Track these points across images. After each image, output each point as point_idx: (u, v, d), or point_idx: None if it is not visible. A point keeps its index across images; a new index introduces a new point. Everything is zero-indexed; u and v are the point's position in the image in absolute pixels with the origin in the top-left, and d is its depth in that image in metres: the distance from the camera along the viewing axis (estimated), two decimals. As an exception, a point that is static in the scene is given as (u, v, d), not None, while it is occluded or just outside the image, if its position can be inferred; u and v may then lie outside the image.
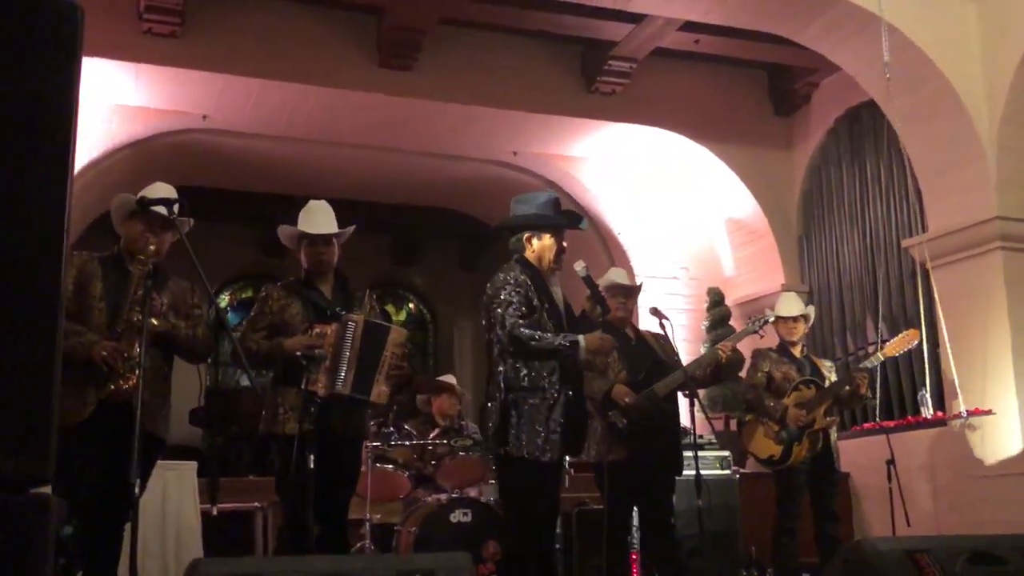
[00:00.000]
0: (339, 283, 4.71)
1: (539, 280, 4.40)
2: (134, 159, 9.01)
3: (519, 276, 4.33)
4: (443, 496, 6.15)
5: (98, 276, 4.19)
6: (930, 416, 7.80)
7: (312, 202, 4.75)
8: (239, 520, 6.49)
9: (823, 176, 9.84)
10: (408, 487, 6.44)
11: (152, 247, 4.18)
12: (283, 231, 4.71)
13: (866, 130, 9.25)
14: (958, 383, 7.45)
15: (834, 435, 6.13)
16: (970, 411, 7.39)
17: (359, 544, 5.99)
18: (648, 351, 5.37)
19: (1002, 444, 7.28)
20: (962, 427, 7.51)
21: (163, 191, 4.28)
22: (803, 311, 6.24)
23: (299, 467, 4.14)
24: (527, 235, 4.46)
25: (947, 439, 7.69)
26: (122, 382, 4.00)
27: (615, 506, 4.92)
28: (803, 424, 5.91)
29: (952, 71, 7.53)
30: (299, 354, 4.30)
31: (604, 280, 5.24)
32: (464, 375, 13.06)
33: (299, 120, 9.17)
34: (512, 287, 4.28)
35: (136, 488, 3.57)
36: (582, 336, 4.29)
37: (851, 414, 8.57)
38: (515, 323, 4.18)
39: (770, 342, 6.44)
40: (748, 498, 7.12)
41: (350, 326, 4.40)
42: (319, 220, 4.65)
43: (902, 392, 8.39)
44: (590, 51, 9.32)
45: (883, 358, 6.21)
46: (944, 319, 7.53)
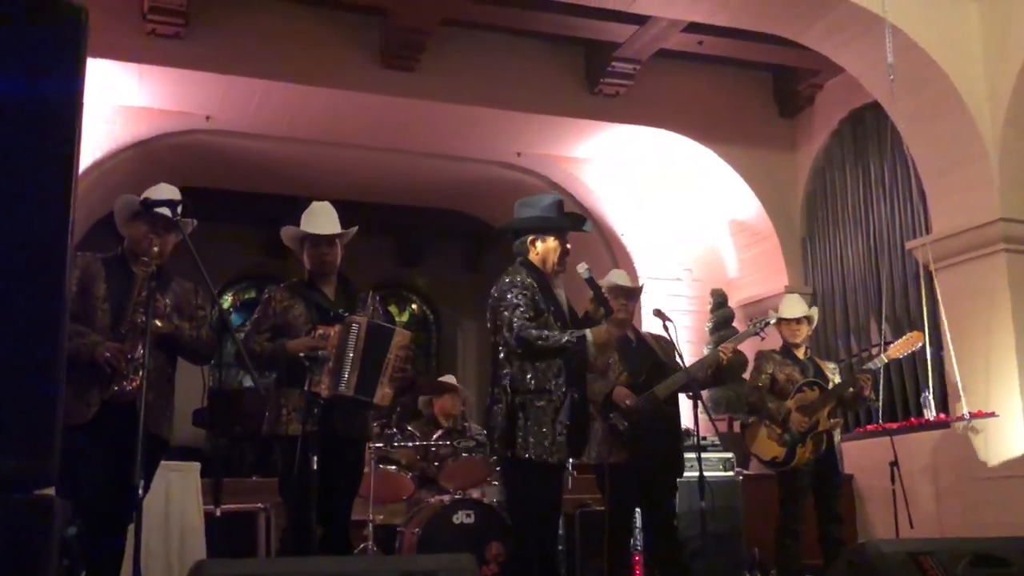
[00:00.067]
0: (342, 284, 4.72)
1: (544, 282, 4.40)
2: (138, 160, 9.02)
3: (525, 279, 4.33)
4: (446, 497, 6.14)
5: (101, 277, 4.19)
6: (933, 418, 7.80)
7: (315, 203, 4.76)
8: (242, 521, 6.49)
9: (827, 178, 9.83)
10: (411, 488, 6.44)
11: (156, 248, 4.18)
12: (286, 232, 4.72)
13: (870, 132, 9.25)
14: (961, 385, 7.44)
15: (838, 437, 6.13)
16: (973, 413, 7.38)
17: (362, 545, 5.98)
18: (649, 353, 5.37)
19: (1005, 446, 7.27)
20: (965, 429, 7.50)
21: (167, 192, 4.28)
22: (806, 313, 6.23)
23: (302, 468, 4.15)
24: (531, 238, 4.46)
25: (950, 441, 7.67)
26: (126, 383, 4.00)
27: (616, 508, 4.91)
28: (806, 428, 5.91)
29: (955, 72, 7.52)
30: (302, 355, 4.31)
31: (605, 282, 5.23)
32: (467, 376, 13.06)
33: (302, 121, 9.17)
34: (518, 290, 4.28)
35: (139, 489, 3.58)
36: (588, 330, 4.29)
37: (855, 416, 8.56)
38: (522, 325, 4.18)
39: (771, 344, 6.43)
40: (751, 500, 7.11)
41: (353, 328, 4.41)
42: (322, 221, 4.65)
43: (906, 394, 8.38)
44: (594, 52, 9.32)
45: (887, 360, 6.20)
46: (947, 321, 7.52)
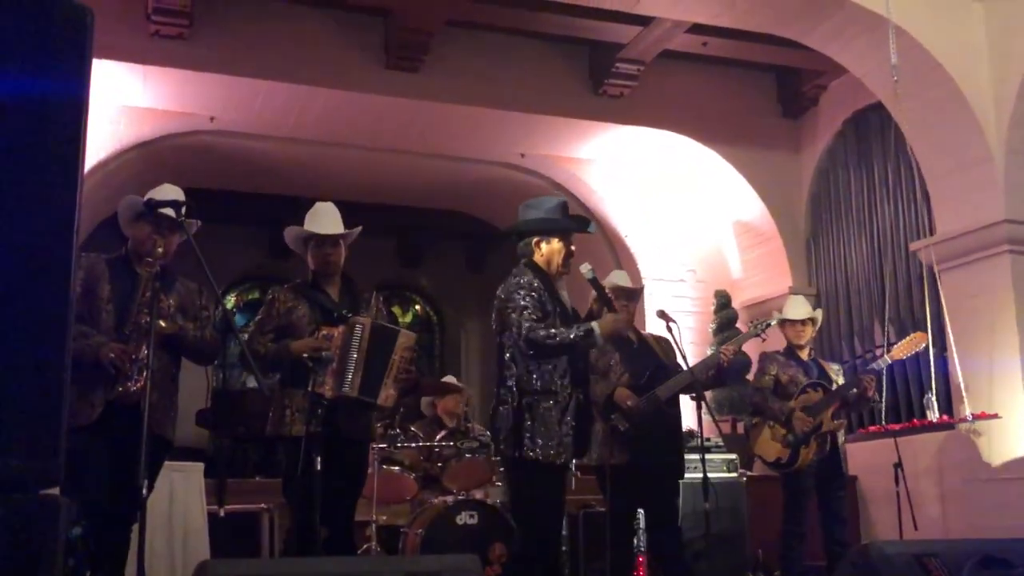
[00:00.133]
0: (346, 285, 4.72)
1: (548, 284, 4.39)
2: (141, 160, 9.03)
3: (532, 280, 4.32)
4: (449, 498, 6.14)
5: (106, 278, 4.19)
6: (935, 420, 7.78)
7: (319, 203, 4.76)
8: (245, 521, 6.49)
9: (831, 179, 9.82)
10: (414, 489, 6.44)
11: (160, 249, 4.19)
12: (290, 232, 4.72)
13: (874, 133, 9.23)
14: (964, 387, 7.43)
15: (842, 438, 6.12)
16: (975, 415, 7.37)
17: (365, 546, 5.98)
18: (650, 354, 5.36)
19: (1009, 448, 7.26)
20: (968, 431, 7.49)
21: (170, 193, 4.29)
22: (811, 314, 6.23)
23: (306, 469, 4.14)
24: (536, 239, 4.45)
25: (955, 443, 7.66)
26: (130, 384, 4.01)
27: (617, 509, 4.91)
28: (809, 429, 5.90)
29: (960, 74, 7.51)
30: (306, 356, 4.32)
31: (606, 282, 5.22)
32: (471, 377, 13.07)
33: (306, 122, 9.18)
34: (525, 291, 4.27)
35: (143, 489, 3.58)
36: (595, 323, 4.29)
37: (858, 417, 8.55)
38: (531, 327, 4.17)
39: (775, 345, 6.42)
40: (755, 501, 7.11)
41: (357, 329, 4.41)
42: (326, 221, 4.66)
43: (909, 395, 8.37)
44: (598, 53, 9.31)
45: (890, 361, 6.20)
46: (951, 322, 7.51)
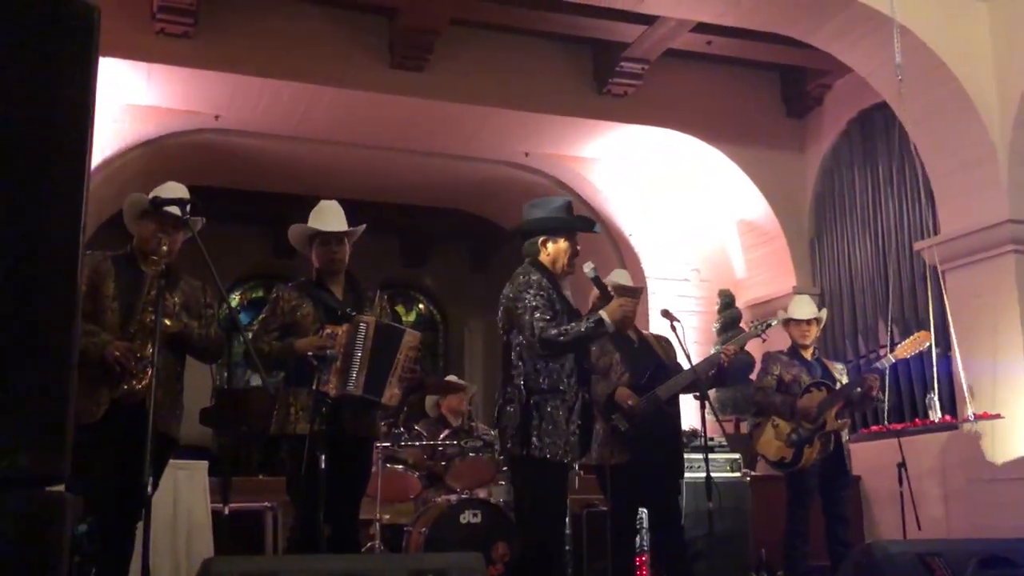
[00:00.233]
0: (350, 283, 4.72)
1: (554, 283, 4.39)
2: (146, 158, 9.04)
3: (540, 280, 4.32)
4: (453, 497, 6.15)
5: (111, 276, 4.20)
6: (938, 420, 7.77)
7: (323, 202, 4.77)
8: (249, 519, 6.50)
9: (835, 178, 9.82)
10: (418, 488, 6.45)
11: (164, 247, 4.20)
12: (294, 230, 4.72)
13: (878, 132, 9.23)
14: (967, 386, 7.42)
15: (845, 437, 6.12)
16: (978, 415, 7.36)
17: (369, 544, 5.99)
18: (651, 354, 5.36)
19: (1013, 448, 7.25)
20: (971, 431, 7.48)
21: (175, 191, 4.30)
22: (816, 314, 6.23)
23: (310, 467, 4.15)
24: (543, 239, 4.44)
25: (958, 442, 7.65)
26: (135, 382, 4.02)
27: (618, 509, 4.92)
28: (813, 420, 5.88)
29: (965, 73, 7.51)
30: (310, 354, 4.32)
31: (607, 281, 5.22)
32: (474, 376, 13.07)
33: (311, 120, 9.18)
34: (535, 291, 4.27)
35: (149, 487, 3.59)
36: (601, 311, 4.29)
37: (862, 416, 8.54)
38: (543, 327, 4.17)
39: (777, 345, 6.42)
40: (758, 501, 7.10)
41: (361, 327, 4.41)
42: (331, 218, 4.67)
43: (913, 395, 8.36)
44: (602, 52, 9.31)
45: (894, 360, 6.20)
46: (955, 322, 7.50)
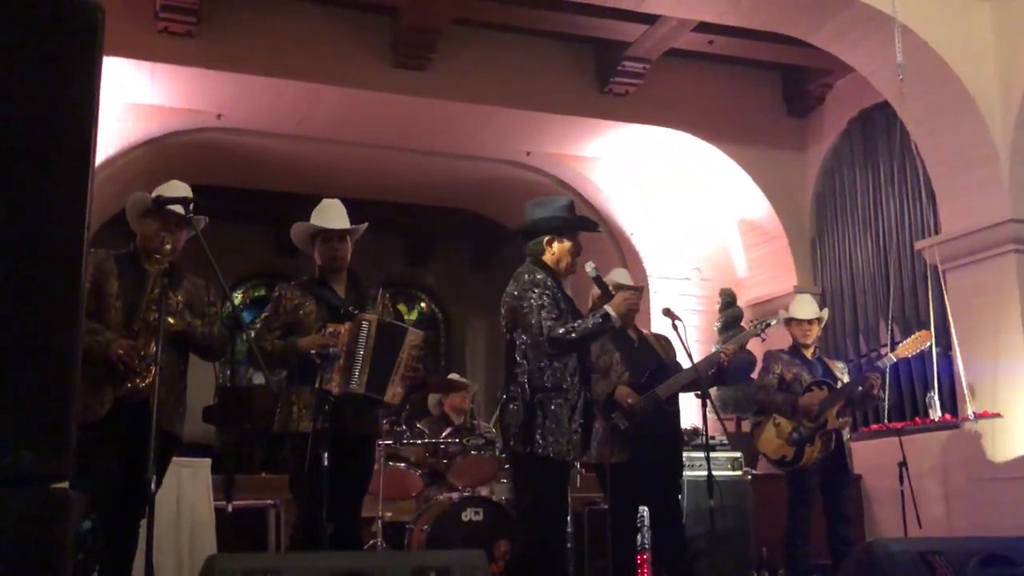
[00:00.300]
0: (352, 282, 4.74)
1: (557, 282, 4.40)
2: (149, 157, 9.05)
3: (546, 279, 4.32)
4: (455, 495, 6.16)
5: (114, 274, 4.21)
6: (938, 418, 7.77)
7: (326, 200, 4.79)
8: (252, 517, 6.52)
9: (836, 177, 9.82)
10: (420, 485, 6.46)
11: (168, 246, 4.21)
12: (296, 229, 4.73)
13: (879, 132, 9.23)
14: (968, 385, 7.43)
15: (847, 436, 6.13)
16: (978, 414, 7.36)
17: (371, 542, 6.00)
18: (651, 353, 5.37)
19: (1013, 446, 7.26)
20: (972, 430, 7.49)
21: (179, 189, 4.31)
22: (818, 314, 6.23)
23: (313, 465, 4.16)
24: (548, 238, 4.43)
25: (959, 441, 7.66)
26: (139, 380, 4.03)
27: (619, 508, 4.93)
28: (814, 418, 5.89)
29: (966, 73, 7.51)
30: (313, 353, 4.33)
31: (607, 280, 5.23)
32: (476, 374, 13.07)
33: (313, 120, 9.19)
34: (540, 290, 4.26)
35: (152, 484, 3.60)
36: (606, 307, 4.29)
37: (863, 415, 8.55)
38: (551, 326, 4.18)
39: (778, 343, 6.43)
40: (760, 499, 7.11)
41: (364, 326, 4.43)
42: (333, 216, 4.69)
43: (914, 394, 8.36)
44: (603, 51, 9.31)
45: (895, 359, 6.20)
46: (956, 321, 7.50)
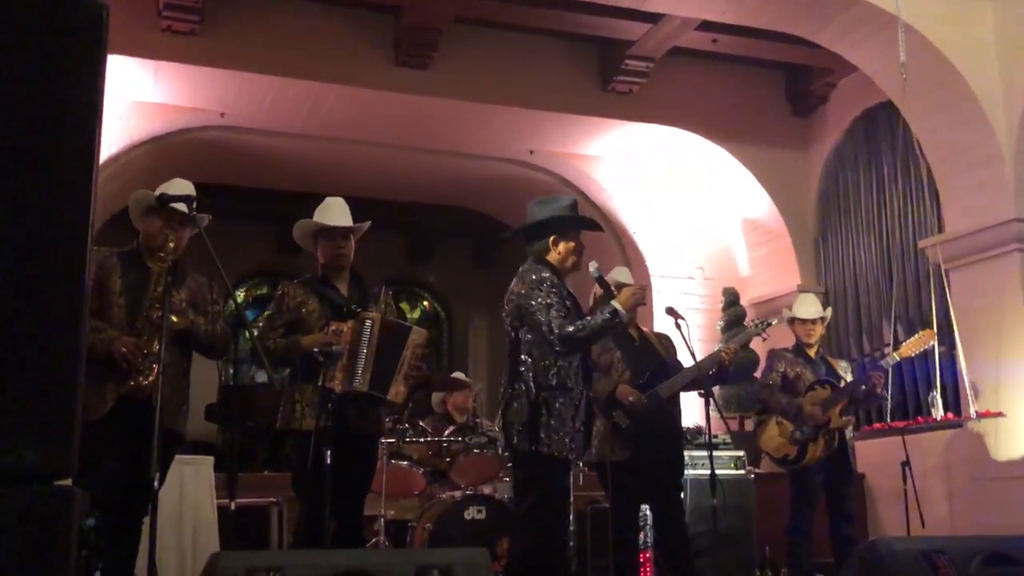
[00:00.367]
0: (355, 280, 4.74)
1: (561, 281, 4.39)
2: (152, 155, 9.06)
3: (552, 277, 4.29)
4: (457, 493, 6.16)
5: (117, 272, 4.21)
6: (939, 418, 7.76)
7: (329, 198, 4.80)
8: (254, 515, 6.52)
9: (840, 177, 9.81)
10: (423, 484, 6.46)
11: (171, 244, 4.21)
12: (299, 227, 4.73)
13: (883, 131, 9.21)
14: (971, 385, 7.42)
15: (850, 434, 6.12)
16: (980, 413, 7.34)
17: (373, 540, 6.01)
18: (652, 352, 5.36)
19: (1016, 446, 7.25)
20: (974, 429, 7.48)
21: (182, 187, 4.32)
22: (821, 313, 6.22)
23: (316, 463, 4.16)
24: (554, 237, 4.40)
25: (962, 440, 7.65)
26: (141, 378, 4.03)
27: (620, 506, 4.93)
28: (819, 423, 5.89)
29: (970, 72, 7.50)
30: (316, 351, 4.33)
31: (608, 279, 5.22)
32: (478, 373, 13.08)
33: (316, 118, 9.20)
34: (548, 288, 4.23)
35: (155, 482, 3.60)
36: (613, 302, 4.28)
37: (866, 414, 8.54)
38: (562, 324, 4.15)
39: (779, 342, 6.42)
40: (762, 498, 7.11)
41: (367, 324, 4.43)
42: (336, 214, 4.70)
43: (917, 393, 8.36)
44: (607, 50, 9.31)
45: (899, 358, 6.19)
46: (959, 321, 7.48)
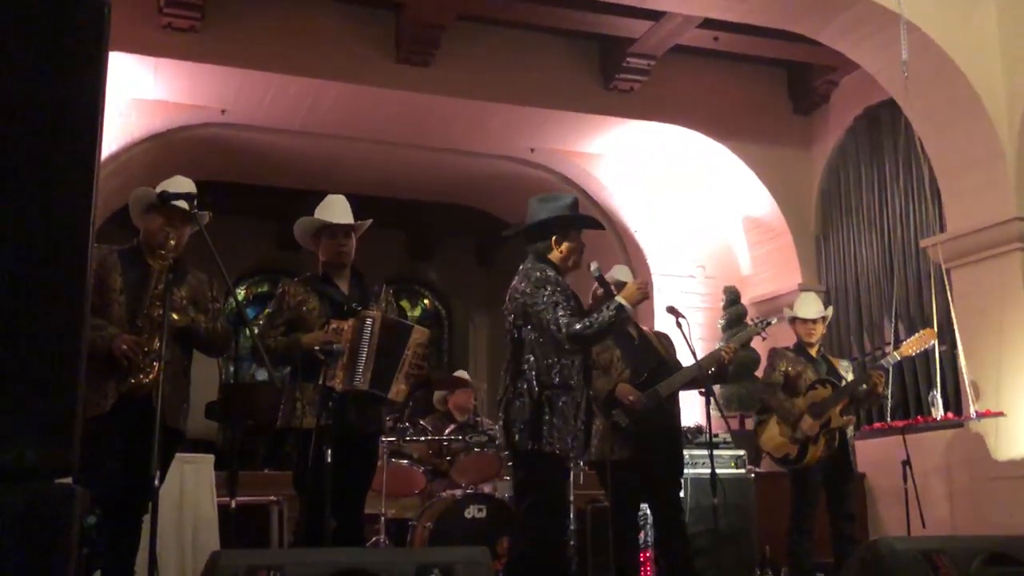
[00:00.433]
0: (355, 279, 4.74)
1: (562, 279, 4.39)
2: (153, 153, 9.06)
3: (555, 276, 4.29)
4: (458, 492, 6.17)
5: (117, 270, 4.20)
6: (940, 417, 7.76)
7: (330, 196, 4.80)
8: (255, 513, 6.52)
9: (841, 175, 9.81)
10: (423, 482, 6.46)
11: (172, 241, 4.21)
12: (300, 225, 4.72)
13: (885, 129, 9.21)
14: (972, 384, 7.42)
15: (851, 434, 6.12)
16: (980, 412, 7.34)
17: (374, 539, 6.01)
18: (651, 350, 5.36)
19: (1017, 446, 7.25)
20: (975, 429, 7.48)
21: (183, 185, 4.30)
22: (822, 313, 6.21)
23: (316, 462, 4.16)
24: (557, 236, 4.39)
25: (963, 440, 7.65)
26: (142, 376, 4.03)
27: (620, 505, 4.92)
28: (817, 431, 5.89)
29: (972, 70, 7.49)
30: (316, 349, 4.32)
31: (608, 277, 5.22)
32: (479, 371, 13.09)
33: (317, 115, 9.19)
34: (552, 286, 4.22)
35: (156, 480, 3.60)
36: (618, 297, 4.28)
37: (866, 413, 8.54)
38: (569, 322, 4.14)
39: (780, 341, 6.42)
40: (763, 497, 7.10)
41: (368, 322, 4.42)
42: (337, 212, 4.69)
43: (918, 392, 8.36)
44: (608, 48, 9.30)
45: (899, 357, 6.19)
46: (960, 320, 7.48)
